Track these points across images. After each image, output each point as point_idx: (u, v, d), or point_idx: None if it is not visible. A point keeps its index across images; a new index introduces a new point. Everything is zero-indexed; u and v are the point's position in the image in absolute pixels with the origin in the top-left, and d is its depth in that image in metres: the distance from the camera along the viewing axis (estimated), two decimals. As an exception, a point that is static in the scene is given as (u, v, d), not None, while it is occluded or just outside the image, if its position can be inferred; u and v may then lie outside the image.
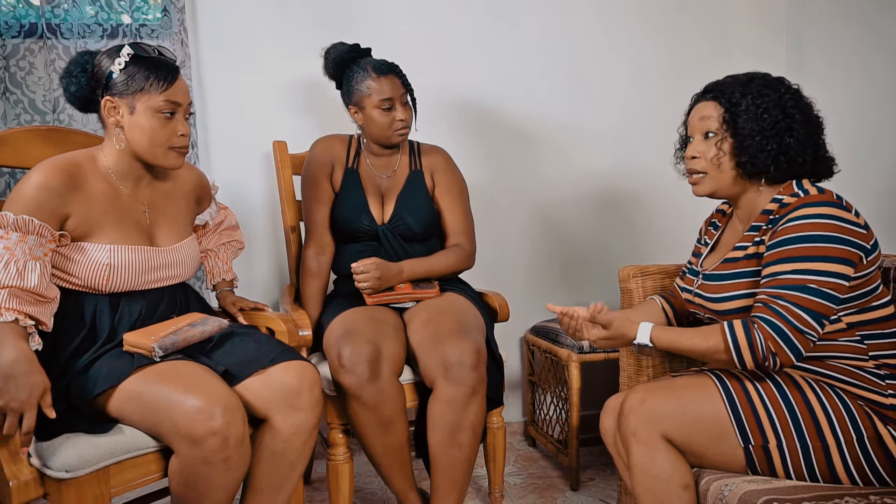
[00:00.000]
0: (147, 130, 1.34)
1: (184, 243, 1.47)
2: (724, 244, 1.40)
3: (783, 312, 1.14)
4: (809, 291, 1.14)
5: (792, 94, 1.26)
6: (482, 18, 2.31)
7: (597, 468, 2.14)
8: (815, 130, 1.26)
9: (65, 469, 1.16)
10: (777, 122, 1.24)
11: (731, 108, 1.27)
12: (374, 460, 1.62)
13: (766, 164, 1.25)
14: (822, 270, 1.14)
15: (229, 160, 2.16)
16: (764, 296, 1.18)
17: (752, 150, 1.25)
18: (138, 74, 1.33)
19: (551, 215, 2.42)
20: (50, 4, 1.95)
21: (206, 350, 1.38)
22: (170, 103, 1.34)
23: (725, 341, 1.17)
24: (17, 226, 1.24)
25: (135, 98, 1.33)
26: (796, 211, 1.19)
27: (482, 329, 1.67)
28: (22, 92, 1.94)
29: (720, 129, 1.28)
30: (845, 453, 1.16)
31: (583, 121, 2.40)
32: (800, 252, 1.16)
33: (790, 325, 1.13)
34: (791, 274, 1.15)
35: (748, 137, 1.25)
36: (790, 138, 1.23)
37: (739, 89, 1.27)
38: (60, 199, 1.29)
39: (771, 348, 1.14)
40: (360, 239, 1.82)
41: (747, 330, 1.16)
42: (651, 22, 2.43)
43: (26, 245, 1.24)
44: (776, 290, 1.16)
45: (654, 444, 1.21)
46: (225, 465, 1.20)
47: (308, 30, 2.17)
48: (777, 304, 1.15)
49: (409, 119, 1.79)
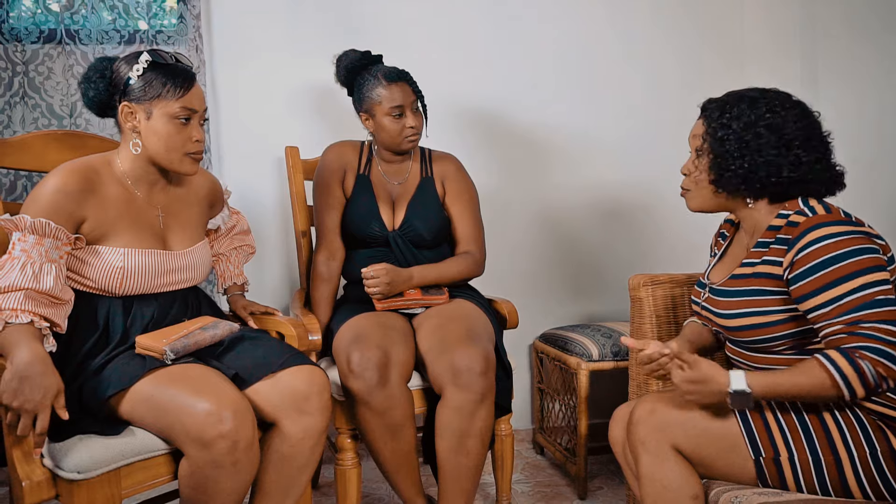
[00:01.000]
0: (163, 136, 1.36)
1: (196, 247, 1.49)
2: (730, 256, 1.40)
3: (875, 334, 1.10)
4: (880, 304, 1.12)
5: (775, 112, 1.24)
6: (496, 26, 2.32)
7: (605, 477, 2.13)
8: (799, 150, 1.23)
9: (77, 470, 1.17)
10: (746, 141, 1.23)
11: (710, 126, 1.29)
12: (382, 466, 1.62)
13: (735, 183, 1.25)
14: (874, 281, 1.13)
15: (242, 165, 2.17)
16: (838, 325, 1.13)
17: (720, 168, 1.26)
18: (156, 81, 1.35)
19: (561, 223, 2.42)
20: (69, 11, 1.99)
21: (217, 353, 1.39)
22: (186, 110, 1.36)
23: (832, 377, 1.10)
24: (34, 228, 1.26)
25: (152, 104, 1.35)
26: (807, 236, 1.17)
27: (491, 336, 1.67)
28: (40, 96, 1.97)
29: (702, 147, 1.30)
30: (858, 467, 1.14)
31: (595, 131, 2.40)
32: (841, 272, 1.14)
33: (887, 342, 1.10)
34: (850, 295, 1.13)
35: (717, 156, 1.26)
36: (759, 157, 1.23)
37: (720, 108, 1.28)
38: (77, 202, 1.31)
39: (881, 373, 1.10)
40: (370, 245, 1.83)
41: (852, 361, 1.09)
42: (665, 34, 2.43)
43: (43, 248, 1.26)
44: (848, 315, 1.12)
45: (663, 454, 1.20)
46: (234, 468, 1.21)
47: (321, 36, 2.18)
48: (862, 328, 1.11)
49: (419, 126, 1.80)
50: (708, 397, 1.16)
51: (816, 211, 1.22)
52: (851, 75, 2.23)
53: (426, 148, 1.94)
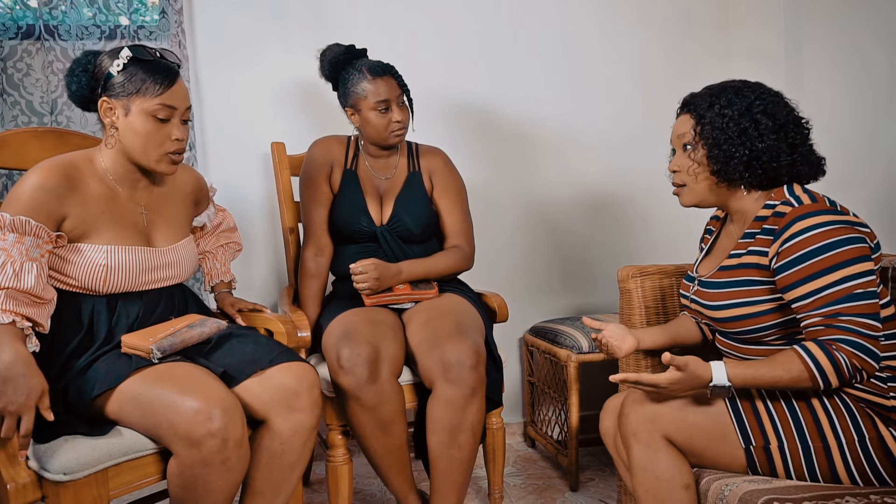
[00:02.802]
0: (141, 133, 1.34)
1: (181, 244, 1.47)
2: (719, 250, 1.41)
3: (851, 326, 1.13)
4: (859, 297, 1.14)
5: (763, 99, 1.26)
6: (482, 19, 2.31)
7: (596, 468, 2.14)
8: (792, 133, 1.26)
9: (63, 472, 1.15)
10: (744, 129, 1.25)
11: (701, 119, 1.29)
12: (374, 461, 1.62)
13: (739, 171, 1.26)
14: (855, 273, 1.14)
15: (227, 161, 2.15)
16: (817, 317, 1.15)
17: (723, 158, 1.26)
18: (135, 77, 1.32)
19: (550, 216, 2.42)
20: (48, 6, 1.95)
21: (205, 352, 1.38)
22: (165, 107, 1.33)
23: (809, 369, 1.13)
24: (14, 227, 1.24)
25: (130, 100, 1.33)
26: (795, 225, 1.18)
27: (481, 329, 1.67)
28: (19, 93, 1.94)
29: (693, 141, 1.30)
30: (846, 453, 1.16)
31: (582, 123, 2.40)
32: (824, 264, 1.15)
33: (863, 335, 1.12)
34: (830, 288, 1.14)
35: (717, 146, 1.27)
36: (760, 143, 1.24)
37: (708, 100, 1.29)
38: (58, 199, 1.29)
39: (856, 364, 1.12)
40: (358, 240, 1.82)
41: (828, 353, 1.12)
42: (651, 26, 2.43)
43: (23, 246, 1.23)
44: (827, 307, 1.14)
45: (654, 444, 1.20)
46: (224, 466, 1.20)
47: (306, 31, 2.17)
48: (839, 320, 1.13)
49: (405, 120, 1.79)
50: (689, 392, 1.20)
51: (802, 201, 1.23)
52: (837, 67, 2.25)
53: (413, 142, 1.93)
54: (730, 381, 1.16)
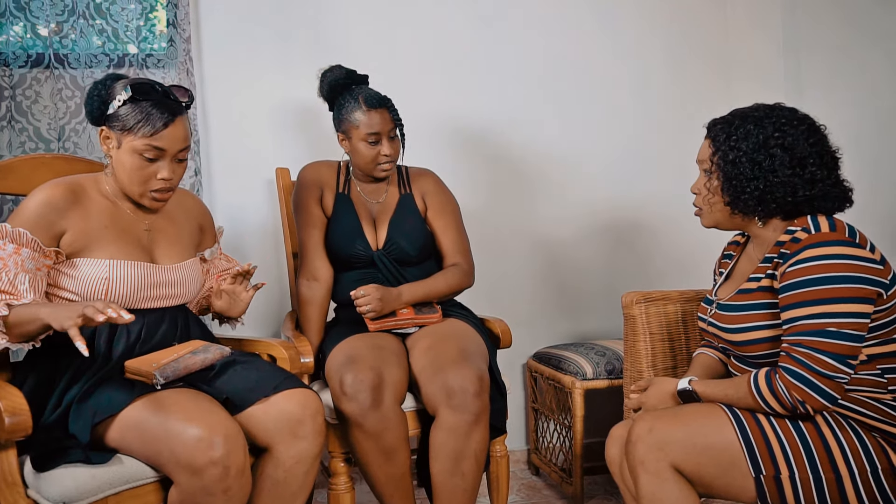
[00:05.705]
0: (127, 168, 1.36)
1: (186, 263, 1.47)
2: (738, 273, 1.40)
3: (804, 360, 1.14)
4: (829, 335, 1.13)
5: (784, 131, 1.23)
6: (486, 45, 2.34)
7: (601, 497, 2.11)
8: (812, 168, 1.22)
9: (62, 500, 1.14)
10: (758, 162, 1.23)
11: (718, 148, 1.28)
12: (376, 489, 1.59)
13: (751, 205, 1.25)
14: (840, 312, 1.14)
15: (232, 187, 2.16)
16: (786, 344, 1.18)
17: (735, 191, 1.26)
18: (132, 114, 1.34)
19: (554, 242, 2.42)
20: (58, 35, 1.98)
21: (208, 378, 1.37)
22: (152, 148, 1.34)
23: (752, 393, 1.18)
24: (13, 237, 1.27)
25: (122, 135, 1.35)
26: (804, 252, 1.18)
27: (484, 355, 1.66)
28: (27, 120, 1.96)
29: (710, 169, 1.30)
30: (859, 485, 1.14)
31: (586, 148, 2.42)
32: (814, 295, 1.15)
33: (813, 371, 1.13)
34: (808, 319, 1.15)
35: (730, 178, 1.26)
36: (774, 178, 1.22)
37: (727, 130, 1.27)
38: (59, 214, 1.32)
39: (797, 397, 1.14)
40: (355, 266, 1.81)
41: (769, 380, 1.17)
42: (654, 52, 2.46)
43: (20, 257, 1.27)
44: (795, 336, 1.16)
45: (662, 474, 1.19)
46: (225, 495, 1.18)
47: (311, 58, 2.19)
48: (797, 351, 1.15)
49: (394, 154, 1.79)
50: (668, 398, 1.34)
51: (821, 228, 1.21)
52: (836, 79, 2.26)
53: (403, 165, 1.94)
54: (692, 387, 1.29)
